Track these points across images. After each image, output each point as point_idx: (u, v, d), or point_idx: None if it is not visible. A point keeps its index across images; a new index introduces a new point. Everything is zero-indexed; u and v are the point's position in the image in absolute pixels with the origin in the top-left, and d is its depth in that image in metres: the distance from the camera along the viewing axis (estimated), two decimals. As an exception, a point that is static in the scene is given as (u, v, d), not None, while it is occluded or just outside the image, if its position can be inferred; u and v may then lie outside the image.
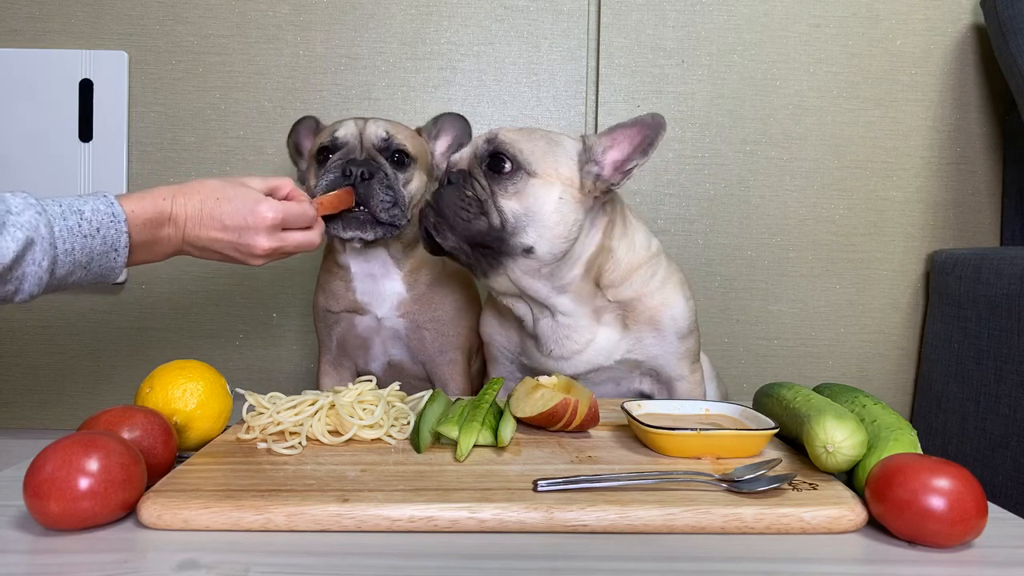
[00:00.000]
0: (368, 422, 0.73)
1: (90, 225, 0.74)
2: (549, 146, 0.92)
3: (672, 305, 0.97)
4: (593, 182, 0.91)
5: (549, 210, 0.89)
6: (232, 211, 0.83)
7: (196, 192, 0.83)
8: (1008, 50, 1.27)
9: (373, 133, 1.03)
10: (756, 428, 0.70)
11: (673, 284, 0.99)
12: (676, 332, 0.98)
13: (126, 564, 0.50)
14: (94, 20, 1.41)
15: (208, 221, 0.82)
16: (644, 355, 0.98)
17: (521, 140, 0.91)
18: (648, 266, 0.97)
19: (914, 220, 1.45)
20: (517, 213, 0.89)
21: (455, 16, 1.43)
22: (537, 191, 0.89)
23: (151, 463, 0.62)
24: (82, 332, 1.44)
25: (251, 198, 0.84)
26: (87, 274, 0.77)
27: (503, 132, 0.93)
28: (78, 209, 0.74)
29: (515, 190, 0.89)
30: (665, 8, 1.43)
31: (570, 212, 0.90)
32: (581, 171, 0.91)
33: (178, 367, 0.75)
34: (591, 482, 0.60)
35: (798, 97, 1.44)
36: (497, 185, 0.90)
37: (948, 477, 0.54)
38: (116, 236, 0.76)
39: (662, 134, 0.89)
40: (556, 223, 0.89)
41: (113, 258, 0.77)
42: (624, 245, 0.96)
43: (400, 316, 1.07)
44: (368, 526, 0.55)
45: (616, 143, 0.92)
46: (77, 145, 1.39)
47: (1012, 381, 1.15)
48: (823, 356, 1.46)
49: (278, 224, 0.85)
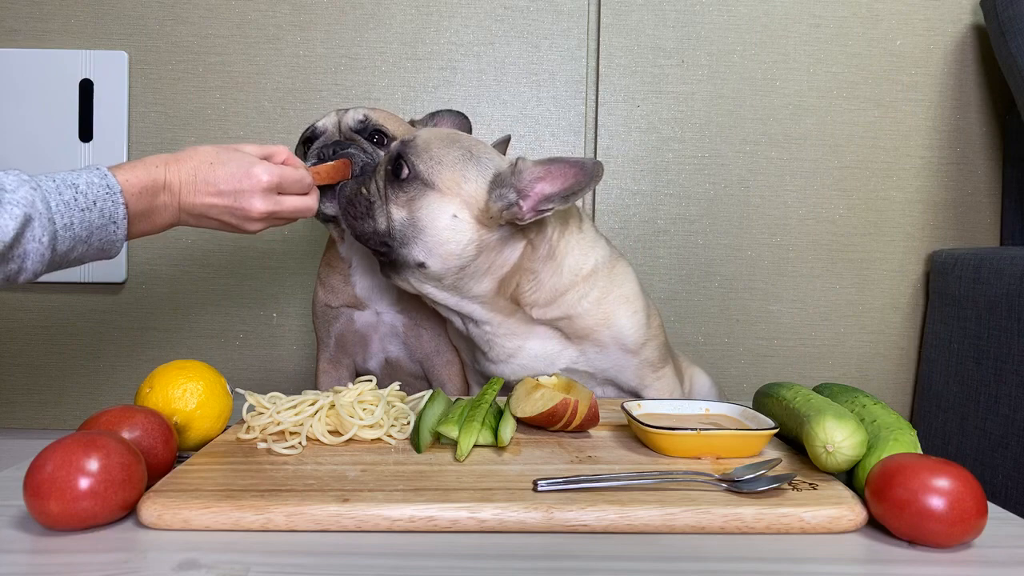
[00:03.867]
0: (368, 422, 0.73)
1: (86, 198, 0.73)
2: (462, 159, 0.86)
3: (612, 323, 0.92)
4: (500, 210, 0.84)
5: (440, 226, 0.84)
6: (226, 175, 0.82)
7: (190, 158, 0.82)
8: (1008, 50, 1.27)
9: (351, 117, 1.03)
10: (756, 428, 0.70)
11: (612, 302, 0.92)
12: (621, 348, 0.93)
13: (126, 564, 0.50)
14: (94, 20, 1.41)
15: (202, 186, 0.81)
16: (592, 367, 0.95)
17: (433, 147, 0.86)
18: (578, 288, 0.91)
19: (914, 220, 1.45)
20: (404, 223, 0.85)
21: (455, 16, 1.43)
22: (430, 204, 0.84)
23: (151, 463, 0.62)
24: (82, 332, 1.44)
25: (246, 161, 0.83)
26: (88, 248, 0.75)
27: (421, 134, 0.88)
28: (72, 183, 0.73)
29: (407, 199, 0.85)
30: (665, 8, 1.43)
31: (464, 232, 0.84)
32: (491, 193, 0.84)
33: (178, 367, 0.75)
34: (591, 482, 0.60)
35: (798, 97, 1.44)
36: (391, 190, 0.86)
37: (948, 477, 0.54)
38: (114, 208, 0.75)
39: (594, 183, 0.82)
40: (446, 240, 0.84)
41: (113, 231, 0.76)
42: (549, 268, 0.90)
43: (399, 312, 1.07)
44: (368, 526, 0.55)
45: (550, 176, 0.84)
46: (77, 145, 1.39)
47: (1012, 381, 1.15)
48: (823, 356, 1.46)
49: (274, 187, 0.84)
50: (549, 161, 0.85)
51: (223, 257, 1.45)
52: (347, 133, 1.02)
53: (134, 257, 1.43)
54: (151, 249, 1.43)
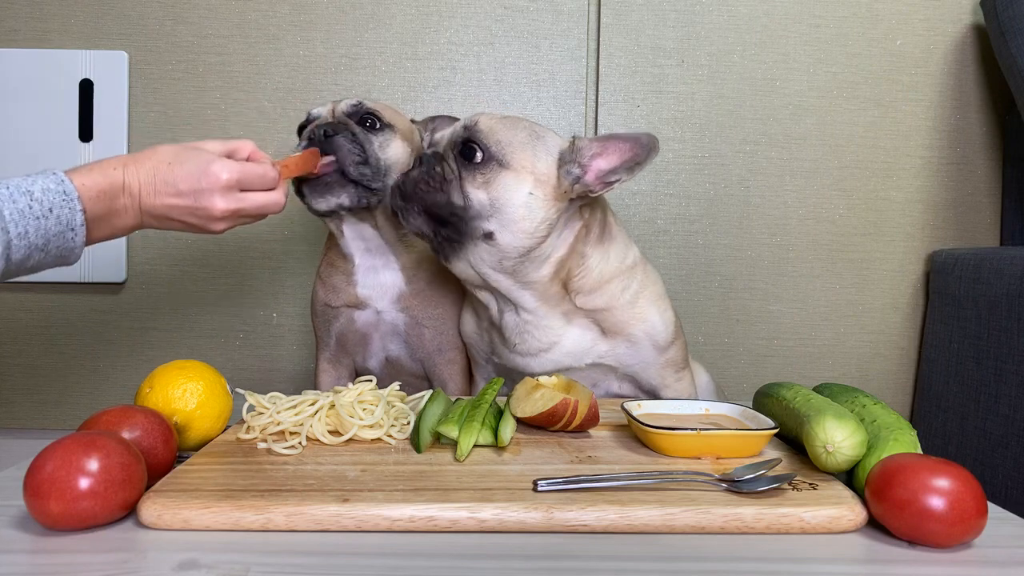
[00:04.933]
0: (368, 422, 0.73)
1: (41, 206, 0.71)
2: (530, 139, 0.89)
3: (645, 319, 0.95)
4: (571, 184, 0.88)
5: (517, 203, 0.87)
6: (185, 174, 0.80)
7: (148, 159, 0.80)
8: (1008, 50, 1.27)
9: (344, 103, 1.04)
10: (756, 428, 0.70)
11: (647, 298, 0.96)
12: (652, 344, 0.96)
13: (126, 564, 0.50)
14: (94, 20, 1.41)
15: (162, 187, 0.79)
16: (618, 362, 0.97)
17: (500, 129, 0.89)
18: (621, 279, 0.95)
19: (914, 220, 1.45)
20: (483, 203, 0.87)
21: (455, 16, 1.43)
22: (507, 183, 0.87)
23: (151, 463, 0.62)
24: (82, 332, 1.44)
25: (204, 159, 0.81)
26: (45, 256, 0.74)
27: (484, 119, 0.90)
28: (27, 190, 0.71)
29: (484, 180, 0.87)
30: (665, 8, 1.43)
31: (539, 209, 0.87)
32: (560, 170, 0.88)
33: (178, 367, 0.75)
34: (591, 482, 0.60)
35: (798, 97, 1.44)
36: (467, 172, 0.88)
37: (948, 477, 0.54)
38: (71, 215, 0.73)
39: (653, 156, 0.87)
40: (522, 217, 0.87)
41: (71, 238, 0.74)
42: (598, 253, 0.94)
43: (399, 310, 1.07)
44: (368, 526, 0.55)
45: (606, 152, 0.89)
46: (77, 145, 1.39)
47: (1012, 381, 1.15)
48: (823, 356, 1.46)
49: (233, 184, 0.81)
50: (606, 138, 0.89)
51: (223, 257, 1.45)
52: (339, 117, 1.02)
53: (134, 257, 1.43)
54: (151, 249, 1.43)
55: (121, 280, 1.43)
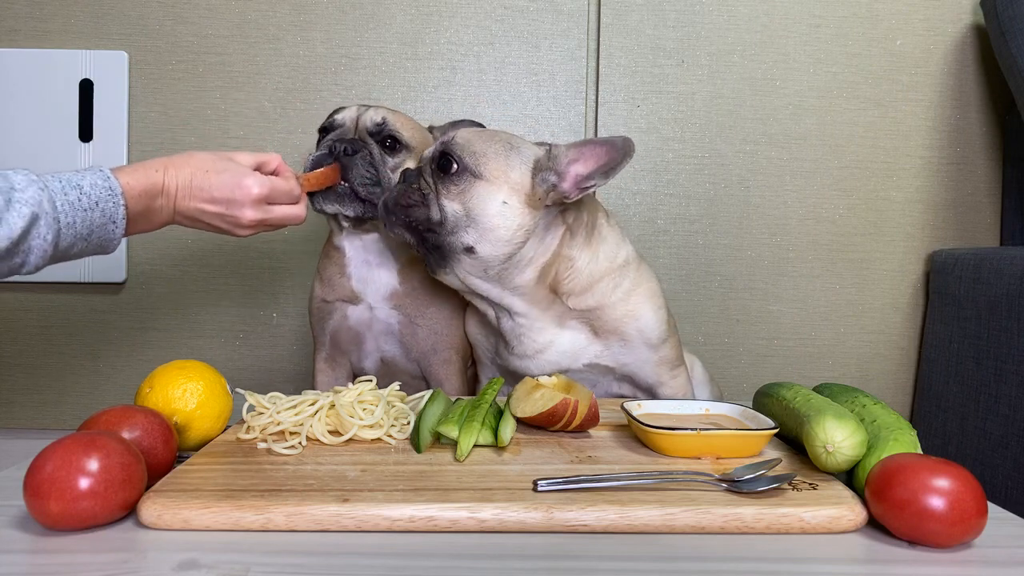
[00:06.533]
0: (368, 422, 0.73)
1: (89, 199, 0.77)
2: (504, 149, 0.91)
3: (638, 316, 0.96)
4: (546, 191, 0.90)
5: (491, 212, 0.88)
6: (220, 184, 0.86)
7: (186, 164, 0.86)
8: (1008, 50, 1.27)
9: (369, 118, 1.05)
10: (756, 428, 0.70)
11: (640, 295, 0.97)
12: (645, 342, 0.97)
13: (126, 564, 0.50)
14: (94, 20, 1.41)
15: (197, 192, 0.86)
16: (615, 362, 0.98)
17: (476, 141, 0.91)
18: (611, 277, 0.96)
19: (914, 220, 1.45)
20: (458, 214, 0.89)
21: (455, 16, 1.43)
22: (480, 193, 0.89)
23: (151, 463, 0.62)
24: (82, 332, 1.44)
25: (239, 172, 0.88)
26: (87, 245, 0.80)
27: (461, 132, 0.93)
28: (77, 184, 0.77)
29: (458, 191, 0.89)
30: (665, 8, 1.43)
31: (514, 216, 0.89)
32: (535, 178, 0.90)
33: (178, 367, 0.75)
34: (591, 482, 0.60)
35: (798, 97, 1.44)
36: (442, 185, 0.90)
37: (948, 477, 0.54)
38: (114, 209, 0.80)
39: (628, 159, 0.88)
40: (497, 226, 0.89)
41: (112, 230, 0.81)
42: (586, 255, 0.95)
43: (392, 308, 1.07)
44: (368, 526, 0.55)
45: (583, 157, 0.90)
46: (77, 145, 1.39)
47: (1012, 381, 1.15)
48: (823, 356, 1.46)
49: (264, 198, 0.89)
50: (581, 144, 0.90)
51: (223, 257, 1.45)
52: (362, 133, 1.04)
53: (134, 257, 1.43)
54: (151, 249, 1.43)
55: (121, 280, 1.43)
